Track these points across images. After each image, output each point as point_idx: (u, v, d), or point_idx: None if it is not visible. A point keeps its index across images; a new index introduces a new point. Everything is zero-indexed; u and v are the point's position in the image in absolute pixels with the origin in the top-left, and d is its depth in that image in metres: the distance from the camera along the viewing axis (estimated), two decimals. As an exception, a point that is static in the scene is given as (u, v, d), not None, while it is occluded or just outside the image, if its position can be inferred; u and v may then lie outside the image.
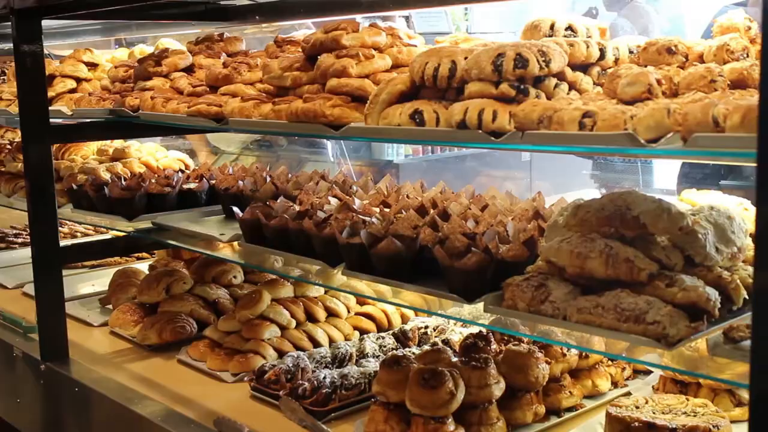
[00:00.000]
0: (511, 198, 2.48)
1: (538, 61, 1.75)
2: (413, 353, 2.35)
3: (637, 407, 2.01)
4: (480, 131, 1.72)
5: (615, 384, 2.40)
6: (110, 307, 3.24)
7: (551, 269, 1.75)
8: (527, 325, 1.90)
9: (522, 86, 1.74)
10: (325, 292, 2.96)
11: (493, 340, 2.35)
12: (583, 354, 2.32)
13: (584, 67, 1.90)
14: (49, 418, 2.84)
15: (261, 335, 2.68)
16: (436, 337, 2.71)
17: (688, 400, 2.06)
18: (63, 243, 3.01)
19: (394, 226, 2.05)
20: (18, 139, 4.21)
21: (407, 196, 2.57)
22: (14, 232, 4.59)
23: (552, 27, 1.99)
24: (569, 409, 2.26)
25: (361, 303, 2.97)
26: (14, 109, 3.46)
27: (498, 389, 2.11)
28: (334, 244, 2.10)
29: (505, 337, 2.39)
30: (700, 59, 1.84)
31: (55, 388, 2.76)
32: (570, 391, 2.27)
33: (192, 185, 2.97)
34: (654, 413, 1.97)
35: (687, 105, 1.47)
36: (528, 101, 1.70)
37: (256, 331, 2.70)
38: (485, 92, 1.76)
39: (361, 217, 2.20)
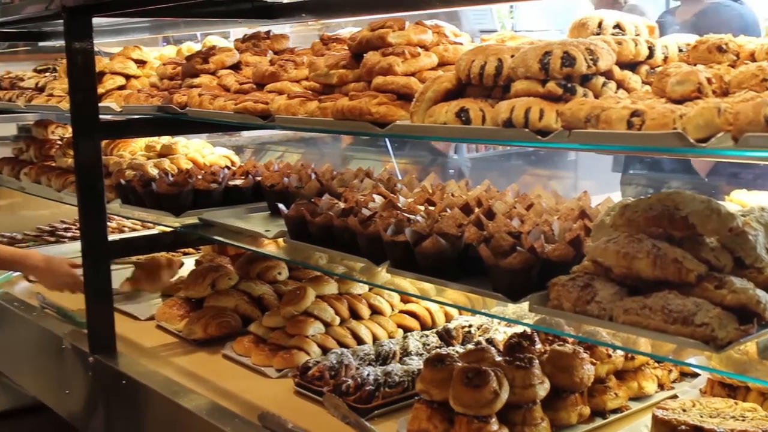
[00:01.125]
0: (557, 197, 2.47)
1: (585, 59, 1.73)
2: (457, 352, 2.35)
3: (684, 410, 1.99)
4: (526, 130, 1.71)
5: (661, 386, 2.37)
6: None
7: (597, 269, 1.74)
8: (572, 325, 1.89)
9: (569, 85, 1.73)
10: (369, 290, 2.97)
11: (537, 339, 2.33)
12: (629, 355, 2.30)
13: (632, 66, 1.88)
14: (97, 409, 2.89)
15: (305, 332, 2.70)
16: (479, 336, 2.70)
17: (736, 404, 2.03)
18: (111, 237, 3.04)
19: (438, 224, 2.05)
20: (68, 135, 4.28)
21: (452, 195, 2.56)
22: (64, 226, 4.66)
23: (600, 25, 1.97)
24: (614, 411, 2.24)
25: (404, 301, 2.97)
26: (65, 105, 3.51)
27: (542, 389, 2.10)
28: (379, 242, 2.10)
29: (550, 337, 2.37)
30: (752, 58, 1.80)
31: (102, 381, 2.80)
32: (615, 393, 2.24)
33: (238, 182, 2.99)
34: (701, 417, 1.95)
35: (738, 104, 1.45)
36: (575, 100, 1.68)
37: (300, 328, 2.71)
38: (532, 90, 1.75)
39: (405, 215, 2.20)
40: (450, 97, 1.93)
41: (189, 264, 3.58)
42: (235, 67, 2.92)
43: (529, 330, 2.36)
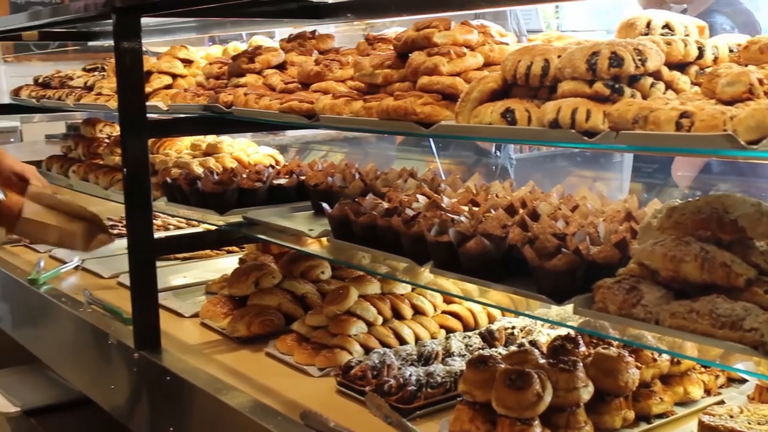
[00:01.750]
0: (603, 199, 2.45)
1: (633, 59, 1.72)
2: (500, 353, 2.34)
3: (731, 416, 1.96)
4: (572, 130, 1.70)
5: (708, 392, 2.33)
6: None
7: (643, 272, 1.72)
8: (617, 328, 1.87)
9: (617, 85, 1.71)
10: (412, 290, 2.97)
11: (581, 342, 2.31)
12: (675, 360, 2.27)
13: (681, 66, 1.86)
14: (141, 404, 2.92)
15: (348, 331, 2.70)
16: (523, 337, 2.68)
17: (785, 410, 2.00)
18: (156, 235, 3.07)
19: (482, 225, 2.04)
20: (116, 133, 4.34)
21: (496, 195, 2.56)
22: (110, 223, 4.72)
23: (648, 25, 1.95)
24: (659, 416, 2.21)
25: (447, 301, 2.96)
26: (112, 104, 3.56)
27: (586, 393, 2.08)
28: (422, 242, 2.10)
29: (594, 340, 2.36)
30: (805, 58, 1.77)
31: (147, 376, 2.83)
32: (661, 398, 2.22)
33: (282, 181, 3.01)
34: (749, 423, 1.92)
35: (791, 106, 1.42)
36: (623, 101, 1.66)
37: (342, 327, 2.72)
38: (579, 91, 1.74)
39: (449, 215, 2.19)
40: (495, 97, 1.92)
41: (233, 262, 3.61)
42: (281, 66, 2.94)
43: (573, 332, 2.34)
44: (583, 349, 2.29)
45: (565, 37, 2.25)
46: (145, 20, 2.81)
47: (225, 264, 3.82)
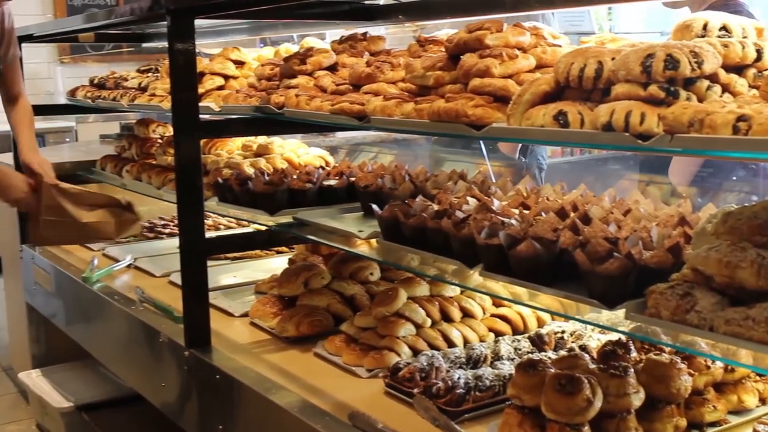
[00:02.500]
0: (656, 203, 2.42)
1: (689, 62, 1.69)
2: (549, 358, 2.32)
3: (786, 426, 1.92)
4: (626, 134, 1.68)
5: (763, 401, 2.29)
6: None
7: (697, 278, 1.69)
8: (670, 334, 1.84)
9: (672, 88, 1.69)
10: (461, 292, 2.96)
11: (633, 348, 2.28)
12: (729, 367, 2.23)
13: (739, 69, 1.82)
14: (191, 402, 2.95)
15: (396, 332, 2.70)
16: (572, 342, 2.66)
17: (842, 421, 1.96)
18: (208, 235, 3.10)
19: (533, 228, 2.03)
20: (167, 133, 4.39)
21: (547, 199, 2.54)
22: (162, 222, 4.79)
23: (705, 27, 1.92)
24: (712, 424, 2.18)
25: (496, 304, 2.95)
26: (166, 104, 3.61)
27: (637, 399, 2.06)
28: (472, 245, 2.09)
29: (646, 346, 2.32)
30: None
31: (197, 374, 2.86)
32: (714, 406, 2.18)
33: (332, 182, 3.02)
34: (805, 433, 1.88)
35: None
36: (678, 104, 1.64)
37: (391, 329, 2.72)
38: (633, 94, 1.72)
39: (500, 218, 2.18)
40: (548, 99, 1.91)
41: (282, 262, 3.63)
42: (332, 68, 2.95)
43: (624, 338, 2.31)
44: (634, 354, 2.26)
45: (618, 39, 2.22)
46: (198, 22, 2.84)
47: (275, 264, 3.85)
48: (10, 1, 3.33)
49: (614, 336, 2.43)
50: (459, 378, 2.34)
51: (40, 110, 3.38)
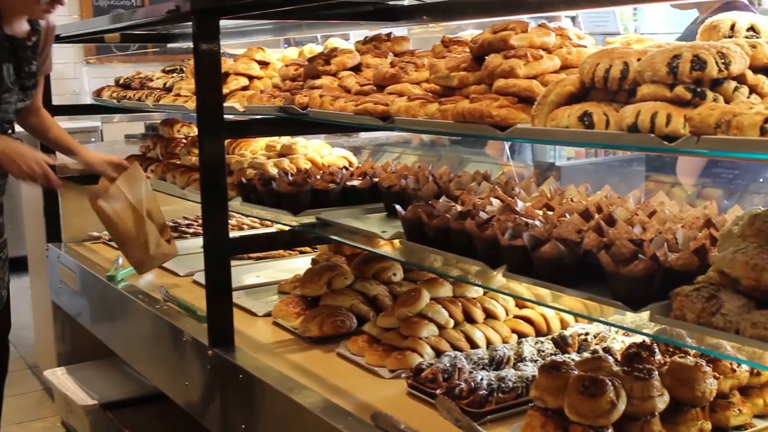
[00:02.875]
0: (681, 204, 2.40)
1: (716, 62, 1.68)
2: (573, 360, 2.31)
3: (813, 430, 1.90)
4: (652, 135, 1.67)
5: (789, 404, 2.27)
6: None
7: (723, 280, 1.68)
8: (695, 337, 1.83)
9: (699, 89, 1.67)
10: (484, 293, 2.95)
11: (657, 350, 2.27)
12: (755, 371, 2.21)
13: (767, 70, 1.81)
14: (214, 401, 2.96)
15: (419, 333, 2.70)
16: (596, 344, 2.65)
17: None
18: (231, 235, 3.12)
19: (557, 229, 2.02)
20: (192, 133, 4.41)
21: (571, 200, 2.53)
22: (186, 222, 4.81)
23: (733, 27, 1.91)
24: (738, 428, 2.16)
25: (519, 306, 2.94)
26: (191, 105, 3.62)
27: (662, 402, 2.05)
28: (496, 246, 2.09)
29: (670, 349, 2.31)
30: None
31: (220, 374, 2.87)
32: (739, 409, 2.16)
33: (356, 182, 3.02)
34: (832, 438, 1.86)
35: None
36: (705, 105, 1.63)
37: (414, 329, 2.72)
38: (659, 95, 1.70)
39: (523, 219, 2.18)
40: (573, 100, 1.90)
41: (305, 262, 3.64)
42: (356, 68, 2.95)
43: (648, 340, 2.30)
44: (658, 357, 2.25)
45: (644, 40, 2.21)
46: (223, 22, 2.85)
47: (298, 264, 3.86)
48: (61, 5, 3.28)
49: (638, 338, 2.42)
50: (482, 379, 2.34)
51: (67, 110, 3.40)
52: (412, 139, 6.21)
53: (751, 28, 1.90)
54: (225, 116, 2.93)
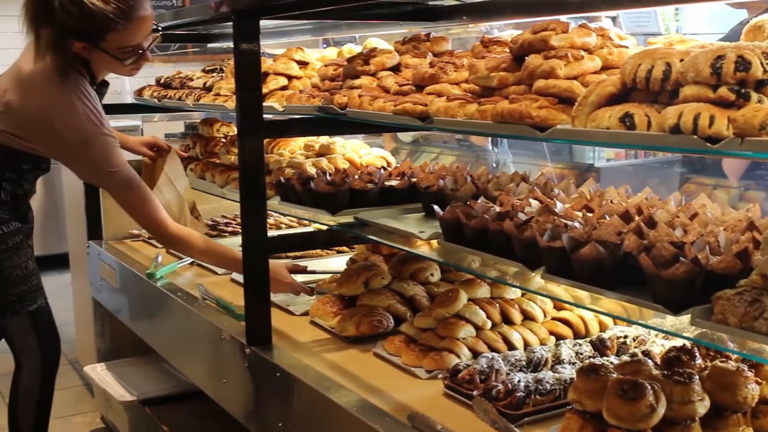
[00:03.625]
0: (723, 207, 2.37)
1: (761, 63, 1.66)
2: (611, 363, 2.29)
3: None
4: (695, 137, 1.65)
5: (832, 411, 2.23)
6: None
7: (767, 284, 1.66)
8: (737, 341, 1.80)
9: (743, 90, 1.65)
10: (522, 295, 2.94)
11: (698, 354, 2.24)
12: (798, 376, 2.18)
13: (813, 71, 1.78)
14: (252, 399, 2.98)
15: (456, 334, 2.70)
16: (635, 347, 2.62)
17: None
18: (269, 234, 3.13)
19: (597, 231, 2.00)
20: (231, 133, 4.44)
21: (611, 201, 2.51)
22: (225, 221, 4.84)
23: (777, 28, 1.88)
24: (779, 434, 2.13)
25: (558, 308, 2.92)
26: (230, 104, 3.65)
27: (702, 407, 2.02)
28: (534, 247, 2.08)
29: (711, 353, 2.28)
30: None
31: (258, 372, 2.88)
32: (781, 415, 2.13)
33: (394, 182, 3.02)
34: None
35: None
36: (749, 106, 1.61)
37: (451, 330, 2.71)
38: (702, 96, 1.68)
39: (562, 220, 2.16)
40: (614, 101, 1.89)
41: (343, 262, 3.64)
42: (395, 68, 2.95)
43: (689, 344, 2.27)
44: (699, 361, 2.22)
45: (687, 41, 2.18)
46: (262, 23, 2.86)
47: (335, 264, 3.87)
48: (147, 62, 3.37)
49: (678, 342, 2.40)
50: (519, 381, 2.33)
51: (108, 109, 3.42)
52: (451, 140, 6.19)
53: (797, 29, 1.87)
54: (264, 116, 2.94)
